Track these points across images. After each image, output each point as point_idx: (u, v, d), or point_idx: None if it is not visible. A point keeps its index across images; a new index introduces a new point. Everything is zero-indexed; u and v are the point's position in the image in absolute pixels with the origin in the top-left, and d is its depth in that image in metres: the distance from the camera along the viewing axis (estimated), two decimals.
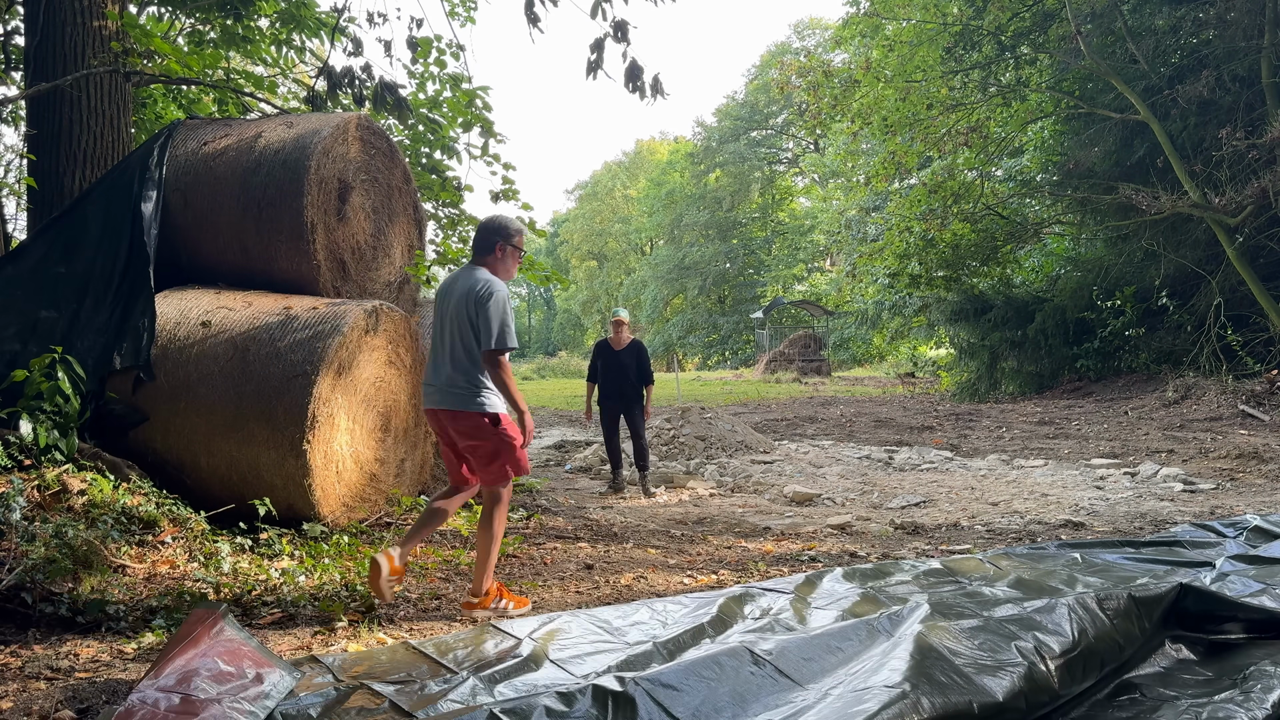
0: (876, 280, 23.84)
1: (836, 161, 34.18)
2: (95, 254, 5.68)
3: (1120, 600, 3.31)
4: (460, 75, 8.66)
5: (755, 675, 2.73)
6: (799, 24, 55.79)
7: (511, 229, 4.12)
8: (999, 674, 2.74)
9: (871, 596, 3.74)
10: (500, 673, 2.92)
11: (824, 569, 4.28)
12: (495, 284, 3.94)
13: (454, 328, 3.96)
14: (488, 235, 4.08)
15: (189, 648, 2.70)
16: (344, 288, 6.25)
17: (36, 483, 4.25)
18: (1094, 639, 3.07)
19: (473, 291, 3.91)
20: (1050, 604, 3.23)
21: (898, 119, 17.36)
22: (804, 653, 2.89)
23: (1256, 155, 12.76)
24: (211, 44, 8.61)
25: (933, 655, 2.76)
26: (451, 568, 4.78)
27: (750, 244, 49.72)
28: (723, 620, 3.47)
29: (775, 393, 22.32)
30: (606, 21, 5.90)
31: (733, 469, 9.16)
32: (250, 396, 5.13)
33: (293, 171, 5.87)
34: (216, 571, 4.26)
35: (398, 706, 2.61)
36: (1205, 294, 14.26)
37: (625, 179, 63.59)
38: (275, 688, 2.64)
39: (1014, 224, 18.29)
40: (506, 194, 8.58)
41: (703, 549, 5.45)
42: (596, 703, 2.48)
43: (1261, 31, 13.17)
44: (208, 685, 2.56)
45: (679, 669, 2.71)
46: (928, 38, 16.98)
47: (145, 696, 2.48)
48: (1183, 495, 7.05)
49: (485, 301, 3.87)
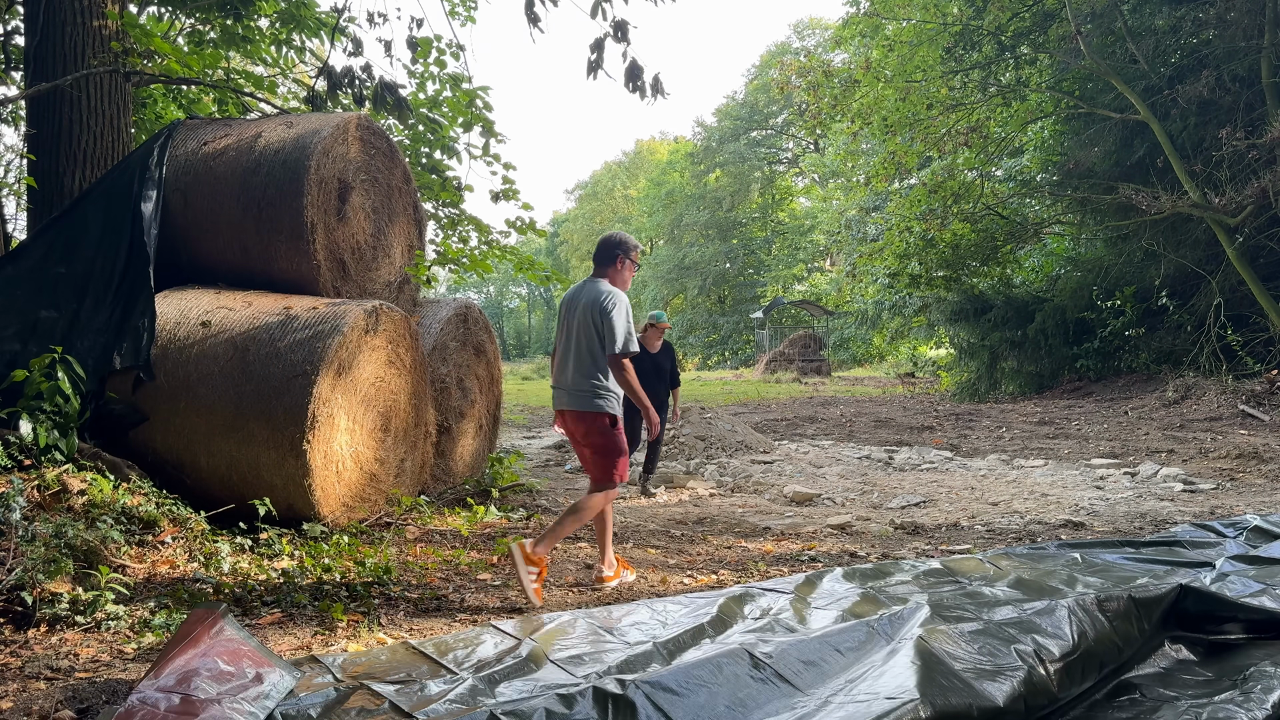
0: (876, 280, 23.85)
1: (836, 161, 34.18)
2: (95, 254, 5.68)
3: (1120, 601, 3.31)
4: (460, 75, 8.66)
5: (755, 679, 2.73)
6: (799, 24, 55.79)
7: (630, 244, 4.61)
8: (999, 679, 2.74)
9: (872, 597, 3.73)
10: (500, 673, 2.92)
11: (824, 569, 4.28)
12: (618, 295, 4.38)
13: (579, 334, 4.35)
14: (610, 249, 4.54)
15: (189, 648, 2.70)
16: (344, 288, 6.25)
17: (36, 483, 4.25)
18: (1093, 641, 3.07)
19: (598, 301, 4.30)
20: (1050, 606, 3.23)
21: (898, 119, 17.36)
22: (804, 655, 2.89)
23: (1256, 155, 12.75)
24: (211, 44, 8.60)
25: (933, 661, 2.76)
26: (451, 568, 4.78)
27: (750, 244, 49.71)
28: (723, 620, 3.46)
29: (775, 393, 22.32)
30: (607, 21, 5.90)
31: (733, 469, 9.16)
32: (250, 396, 5.13)
33: (293, 171, 5.87)
34: (216, 571, 4.27)
35: (397, 707, 2.61)
36: (1205, 294, 14.26)
37: (625, 179, 63.61)
38: (275, 688, 2.64)
39: (1014, 224, 18.28)
40: (507, 194, 8.58)
41: (703, 549, 5.45)
42: (596, 705, 2.48)
43: (1261, 31, 13.17)
44: (208, 685, 2.56)
45: (679, 672, 2.71)
46: (928, 38, 16.98)
47: (145, 697, 2.48)
48: (1183, 495, 7.05)
49: (610, 311, 4.27)
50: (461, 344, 7.23)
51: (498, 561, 4.97)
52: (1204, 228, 14.05)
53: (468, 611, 4.00)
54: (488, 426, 7.64)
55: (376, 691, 2.71)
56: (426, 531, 5.63)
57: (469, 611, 4.00)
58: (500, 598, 4.23)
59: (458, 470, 7.15)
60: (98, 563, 3.87)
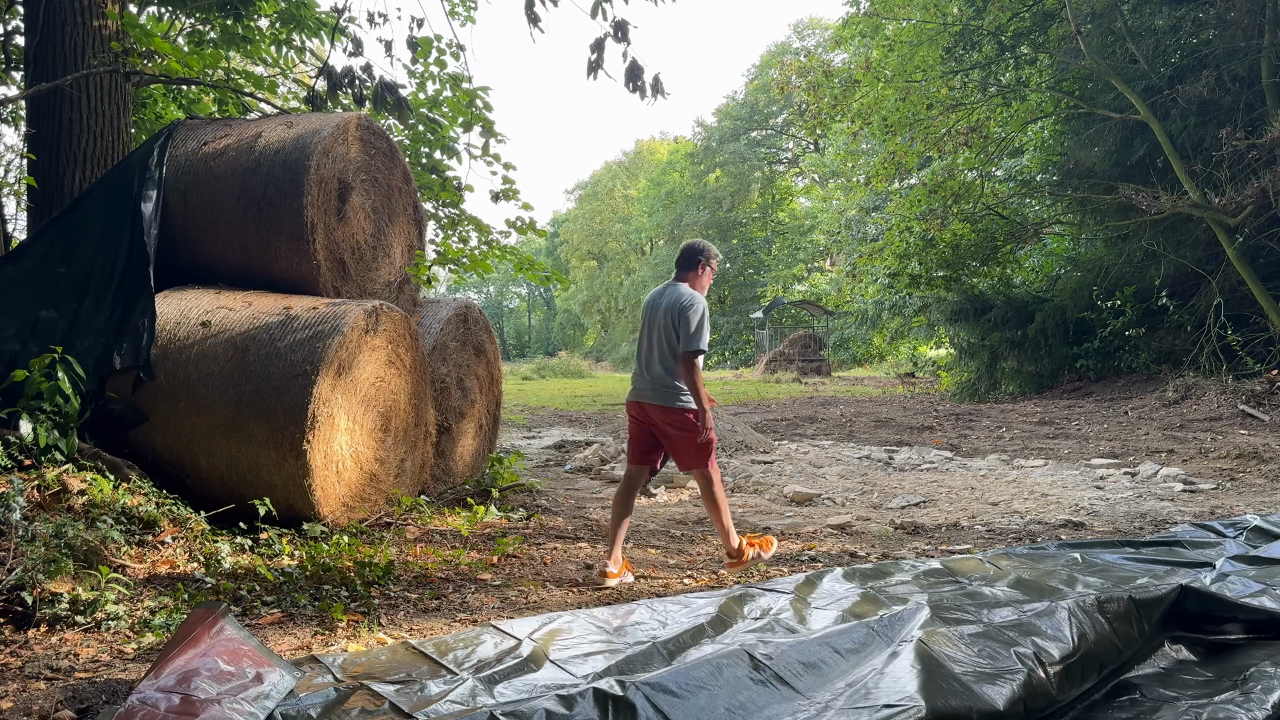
0: (876, 280, 23.84)
1: (836, 161, 34.18)
2: (95, 254, 5.67)
3: (1120, 602, 3.31)
4: (460, 75, 8.66)
5: (755, 681, 2.72)
6: (799, 24, 55.77)
7: (710, 252, 4.95)
8: (998, 682, 2.74)
9: (871, 597, 3.73)
10: (500, 673, 2.91)
11: (824, 569, 4.28)
12: (697, 297, 4.73)
13: (661, 334, 4.70)
14: (693, 255, 4.90)
15: (189, 647, 2.70)
16: (344, 288, 6.25)
17: (36, 483, 4.25)
18: (1093, 643, 3.07)
19: (678, 302, 4.66)
20: (1050, 607, 3.23)
21: (898, 119, 17.36)
22: (804, 657, 2.88)
23: (1256, 155, 12.75)
24: (211, 44, 8.60)
25: (933, 665, 2.76)
26: (451, 568, 4.78)
27: (750, 244, 49.72)
28: (722, 620, 3.46)
29: (775, 393, 22.32)
30: (607, 21, 5.91)
31: (733, 469, 9.16)
32: (250, 396, 5.13)
33: (293, 171, 5.87)
34: (216, 571, 4.26)
35: (397, 707, 2.61)
36: (1205, 294, 14.26)
37: (625, 179, 63.60)
38: (275, 688, 2.64)
39: (1014, 224, 18.28)
40: (507, 194, 8.58)
41: (703, 549, 5.45)
42: (597, 706, 2.48)
43: (1261, 31, 13.17)
44: (208, 685, 2.56)
45: (679, 673, 2.70)
46: (928, 38, 16.98)
47: (145, 697, 2.48)
48: (1183, 495, 7.05)
49: (688, 310, 4.61)
50: (461, 344, 7.23)
51: (498, 561, 4.98)
52: (1204, 228, 14.05)
53: (468, 611, 4.00)
54: (488, 426, 7.64)
55: (376, 691, 2.71)
56: (426, 531, 5.63)
57: (469, 611, 4.00)
58: (500, 598, 4.24)
59: (458, 470, 7.15)
60: (98, 563, 3.87)
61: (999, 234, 18.05)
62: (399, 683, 2.82)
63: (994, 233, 18.05)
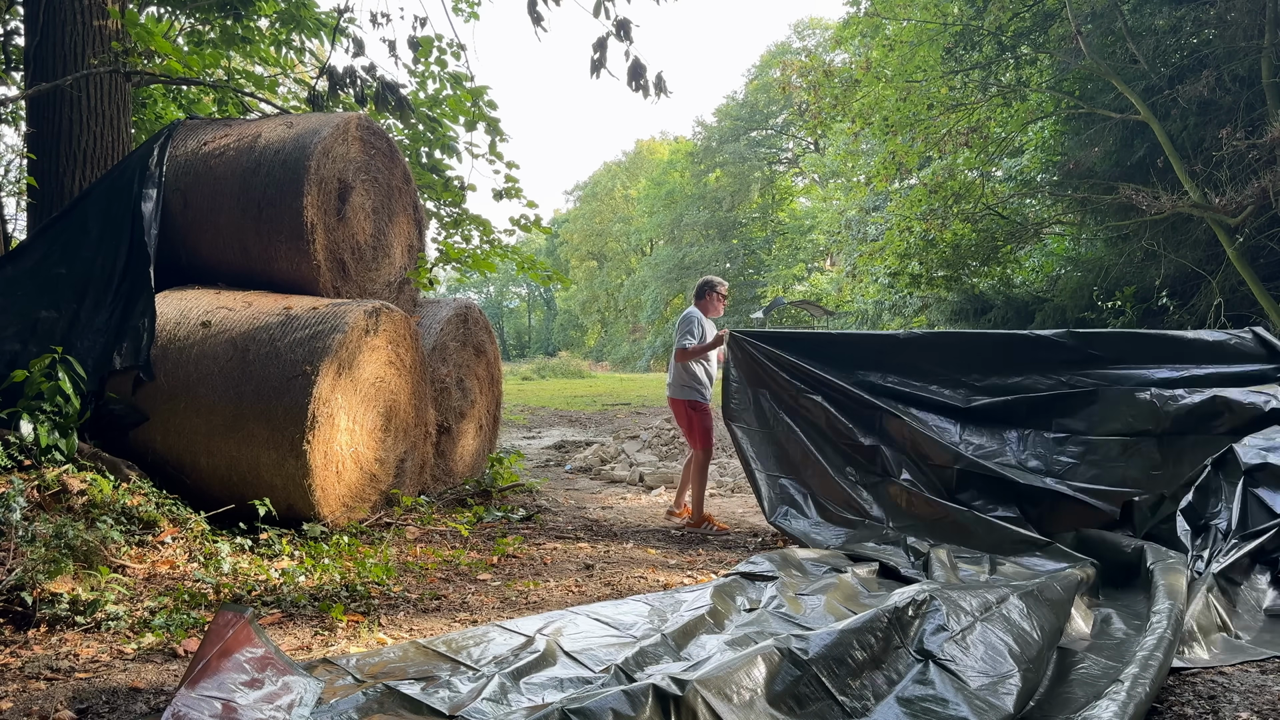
0: (876, 280, 23.85)
1: (836, 161, 34.18)
2: (95, 254, 5.67)
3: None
4: (462, 74, 8.66)
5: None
6: (799, 24, 55.76)
7: (715, 283, 6.51)
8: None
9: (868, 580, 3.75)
10: (521, 669, 2.90)
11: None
12: (692, 312, 6.38)
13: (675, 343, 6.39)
14: (701, 287, 6.53)
15: (220, 656, 2.67)
16: (344, 288, 6.25)
17: (36, 483, 4.25)
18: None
19: (678, 320, 6.39)
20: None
21: (898, 119, 17.36)
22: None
23: (1256, 155, 12.74)
24: (211, 44, 8.60)
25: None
26: (451, 568, 4.78)
27: (750, 244, 49.71)
28: (717, 611, 3.56)
29: None
30: (609, 20, 5.90)
31: (733, 469, 9.14)
32: (250, 396, 5.12)
33: (293, 171, 5.87)
34: (216, 572, 4.26)
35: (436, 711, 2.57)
36: (1205, 294, 14.25)
37: (625, 179, 63.60)
38: (305, 694, 2.62)
39: (1014, 224, 18.28)
40: (509, 192, 8.58)
41: (703, 549, 5.44)
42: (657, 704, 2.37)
43: (1261, 31, 13.16)
44: (244, 693, 2.54)
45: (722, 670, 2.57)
46: (928, 38, 16.98)
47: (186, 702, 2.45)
48: None
49: (679, 325, 6.35)
50: (461, 344, 7.22)
51: (498, 561, 4.97)
52: (1204, 228, 14.04)
53: (467, 611, 4.00)
54: (488, 426, 7.64)
55: (404, 693, 2.67)
56: (426, 531, 5.63)
57: (469, 611, 4.00)
58: (500, 597, 4.23)
59: (458, 470, 7.15)
60: (98, 563, 3.87)
61: (999, 234, 18.04)
62: (422, 679, 2.80)
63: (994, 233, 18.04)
